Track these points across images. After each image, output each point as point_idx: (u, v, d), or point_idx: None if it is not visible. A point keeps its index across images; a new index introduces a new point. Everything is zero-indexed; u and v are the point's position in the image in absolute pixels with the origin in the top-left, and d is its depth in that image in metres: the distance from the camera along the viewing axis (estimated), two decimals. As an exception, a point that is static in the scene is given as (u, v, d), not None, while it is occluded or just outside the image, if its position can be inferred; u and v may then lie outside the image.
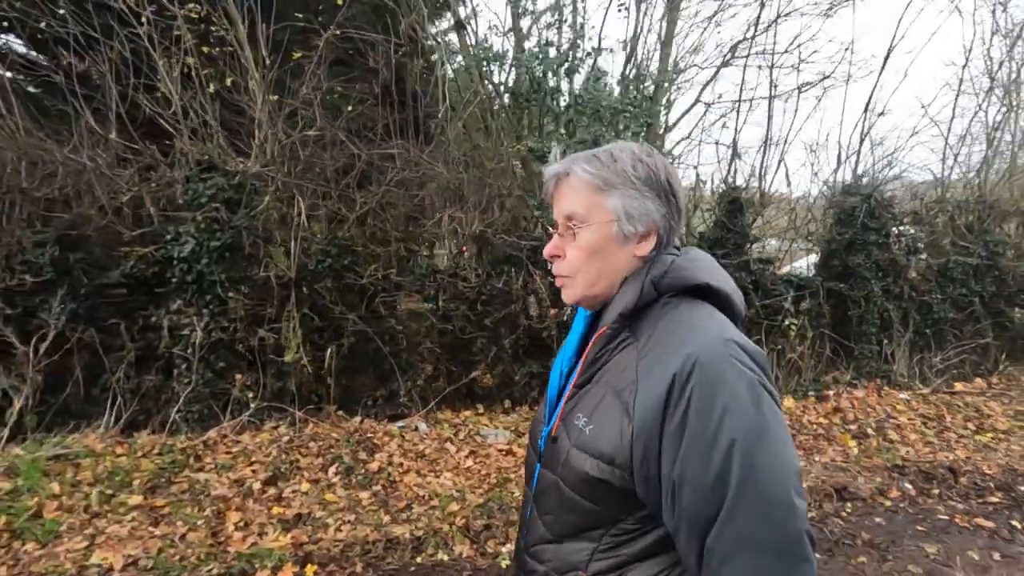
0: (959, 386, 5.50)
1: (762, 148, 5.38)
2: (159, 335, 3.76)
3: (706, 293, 0.86)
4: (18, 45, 5.04)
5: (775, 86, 5.62)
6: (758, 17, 6.41)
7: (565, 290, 0.94)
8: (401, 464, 3.64)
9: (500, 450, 3.90)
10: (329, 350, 4.02)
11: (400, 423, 4.05)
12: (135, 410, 3.79)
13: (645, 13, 5.97)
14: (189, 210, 3.77)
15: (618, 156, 0.89)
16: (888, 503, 3.40)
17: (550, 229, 0.97)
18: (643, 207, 0.88)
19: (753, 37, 6.24)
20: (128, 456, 3.46)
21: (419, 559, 2.87)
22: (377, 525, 3.04)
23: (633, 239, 0.89)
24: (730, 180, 5.21)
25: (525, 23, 5.96)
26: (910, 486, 3.55)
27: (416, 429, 4.04)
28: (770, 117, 5.49)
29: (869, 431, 4.38)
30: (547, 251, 0.94)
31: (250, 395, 3.90)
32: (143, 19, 3.90)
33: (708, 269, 0.88)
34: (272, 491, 3.28)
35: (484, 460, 3.80)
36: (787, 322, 4.95)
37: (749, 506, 0.70)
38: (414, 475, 3.53)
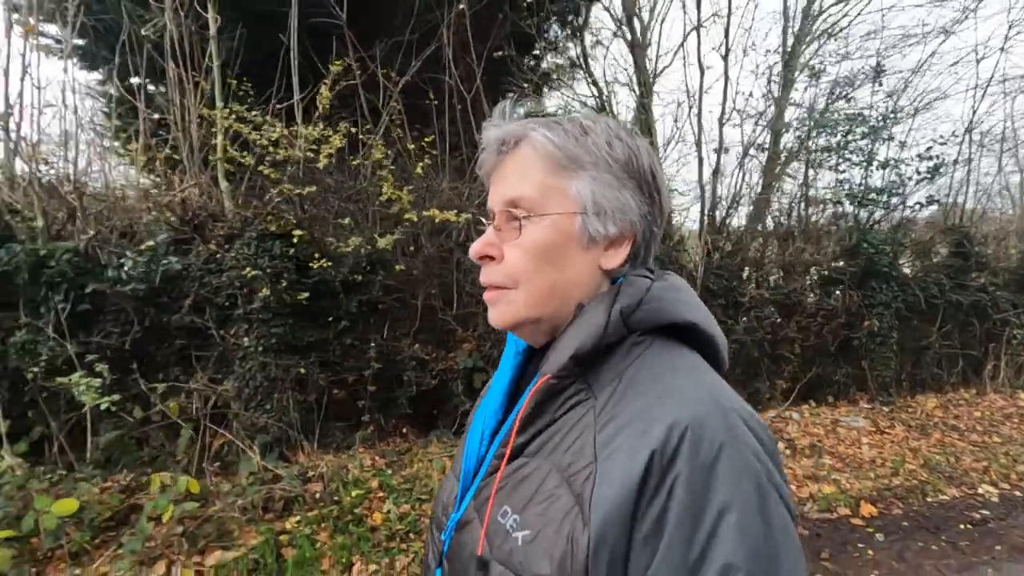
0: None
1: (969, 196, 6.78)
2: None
3: (689, 336, 0.64)
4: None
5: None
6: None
7: (497, 307, 0.67)
8: (820, 441, 4.60)
9: (868, 431, 4.91)
10: (724, 354, 5.00)
11: (789, 413, 5.03)
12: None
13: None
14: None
15: (590, 128, 0.65)
16: None
17: (482, 220, 0.70)
18: (619, 200, 0.64)
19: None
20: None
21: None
22: (867, 479, 4.01)
23: (601, 243, 0.65)
24: (952, 218, 6.57)
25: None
26: None
27: (791, 418, 5.03)
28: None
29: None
30: (475, 250, 0.67)
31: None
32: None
33: (692, 304, 0.66)
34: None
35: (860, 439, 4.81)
36: (1015, 332, 6.21)
37: None
38: (843, 448, 4.51)
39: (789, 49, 9.32)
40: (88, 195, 3.48)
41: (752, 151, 6.72)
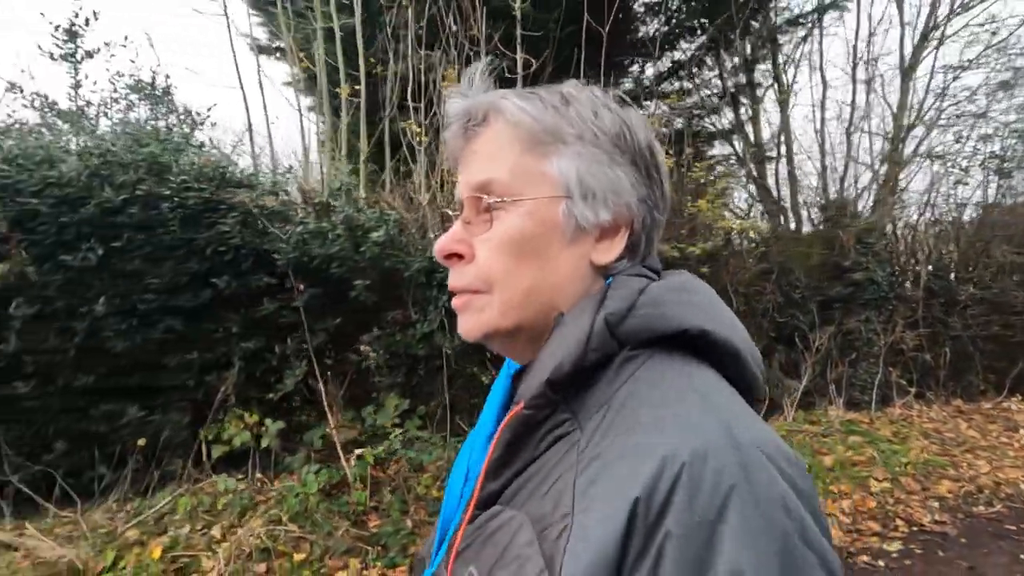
0: None
1: None
2: (854, 336, 5.16)
3: (701, 348, 0.50)
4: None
5: None
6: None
7: (466, 315, 0.56)
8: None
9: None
10: (946, 349, 5.42)
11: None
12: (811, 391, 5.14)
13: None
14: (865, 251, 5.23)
15: (572, 96, 0.55)
16: None
17: (449, 212, 0.48)
18: (611, 179, 0.54)
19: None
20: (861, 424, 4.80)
21: None
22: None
23: (591, 233, 0.54)
24: None
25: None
26: None
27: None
28: None
29: None
30: (439, 247, 0.57)
31: (903, 382, 5.27)
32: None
33: (705, 306, 0.52)
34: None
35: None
36: None
37: None
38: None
39: (907, 62, 9.65)
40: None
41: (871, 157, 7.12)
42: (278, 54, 7.27)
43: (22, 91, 3.90)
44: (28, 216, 3.07)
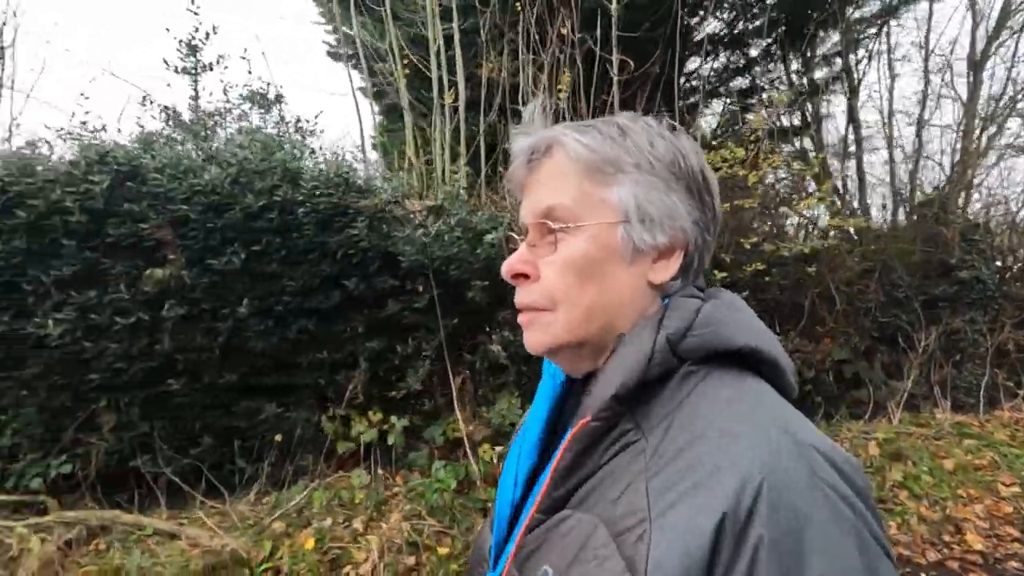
0: None
1: None
2: (959, 337, 5.00)
3: (750, 362, 0.56)
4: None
5: None
6: None
7: (532, 331, 0.61)
8: None
9: None
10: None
11: None
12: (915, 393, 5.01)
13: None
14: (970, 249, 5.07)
15: (628, 127, 0.60)
16: None
17: (515, 236, 0.55)
18: (667, 204, 0.58)
19: None
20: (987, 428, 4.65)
21: None
22: None
23: (648, 254, 0.59)
24: None
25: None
26: None
27: None
28: None
29: None
30: (507, 268, 0.62)
31: (1010, 384, 5.09)
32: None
33: (752, 325, 0.58)
34: None
35: None
36: None
37: None
38: None
39: (979, 55, 9.22)
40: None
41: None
42: (354, 61, 7.45)
43: (152, 103, 4.13)
44: (179, 222, 3.23)
